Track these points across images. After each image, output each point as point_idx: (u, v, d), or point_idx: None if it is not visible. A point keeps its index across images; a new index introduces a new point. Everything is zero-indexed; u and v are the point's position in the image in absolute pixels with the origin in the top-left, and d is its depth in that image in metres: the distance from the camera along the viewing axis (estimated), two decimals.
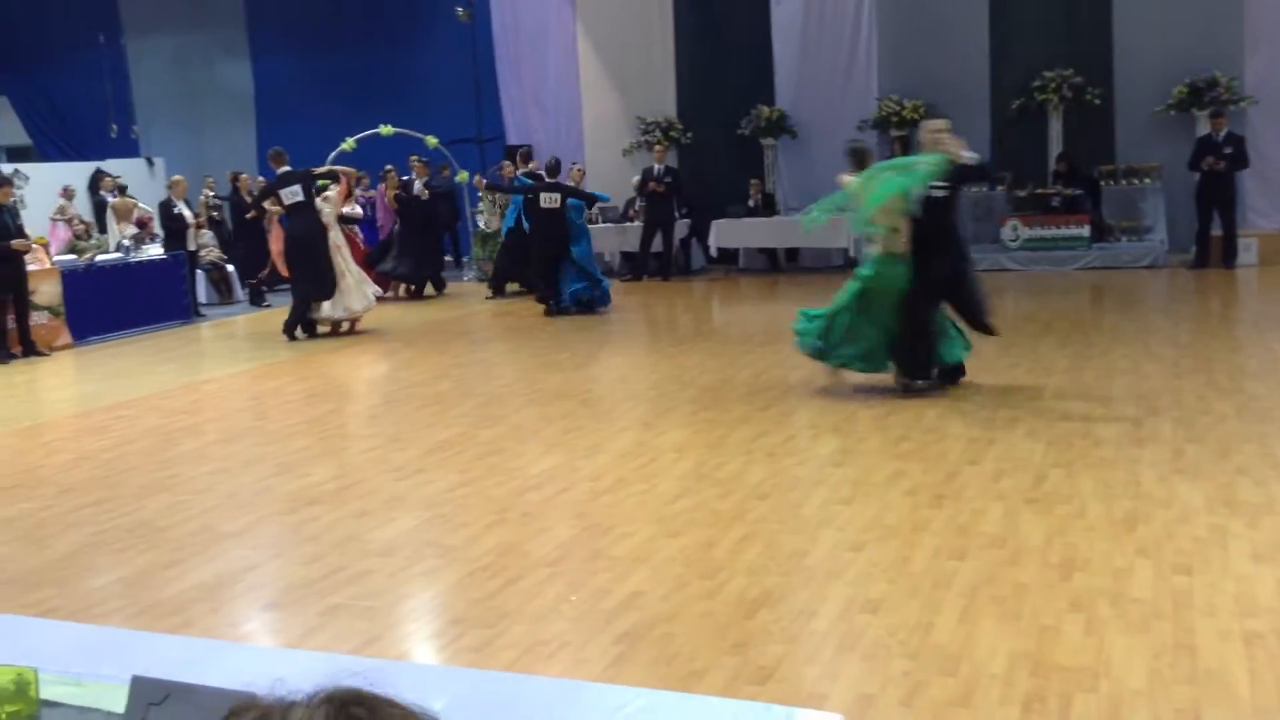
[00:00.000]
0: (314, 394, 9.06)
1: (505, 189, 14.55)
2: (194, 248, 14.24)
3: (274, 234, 13.37)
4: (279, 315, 12.95)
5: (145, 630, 4.02)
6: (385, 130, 14.82)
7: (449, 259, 17.67)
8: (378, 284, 13.32)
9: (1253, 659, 3.58)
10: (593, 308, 12.57)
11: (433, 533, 5.33)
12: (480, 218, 15.79)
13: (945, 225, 7.54)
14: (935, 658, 3.70)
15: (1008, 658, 3.67)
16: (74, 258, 13.27)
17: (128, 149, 19.70)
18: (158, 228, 14.48)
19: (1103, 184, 14.19)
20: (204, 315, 14.04)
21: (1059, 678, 3.52)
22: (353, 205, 13.68)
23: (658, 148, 15.65)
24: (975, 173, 7.96)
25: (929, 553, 4.66)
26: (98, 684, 2.00)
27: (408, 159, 15.47)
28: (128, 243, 13.68)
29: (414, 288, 15.03)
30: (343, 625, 4.28)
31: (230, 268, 15.52)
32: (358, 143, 14.43)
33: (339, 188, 12.24)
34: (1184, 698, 3.38)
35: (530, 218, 12.98)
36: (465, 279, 16.12)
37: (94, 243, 14.28)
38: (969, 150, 7.53)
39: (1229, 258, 13.14)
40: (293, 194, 11.54)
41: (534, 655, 3.93)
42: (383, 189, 15.36)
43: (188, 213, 14.12)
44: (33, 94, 21.25)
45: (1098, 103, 14.21)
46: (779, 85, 15.81)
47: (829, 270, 14.98)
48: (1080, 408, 6.92)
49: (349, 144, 14.33)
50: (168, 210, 13.96)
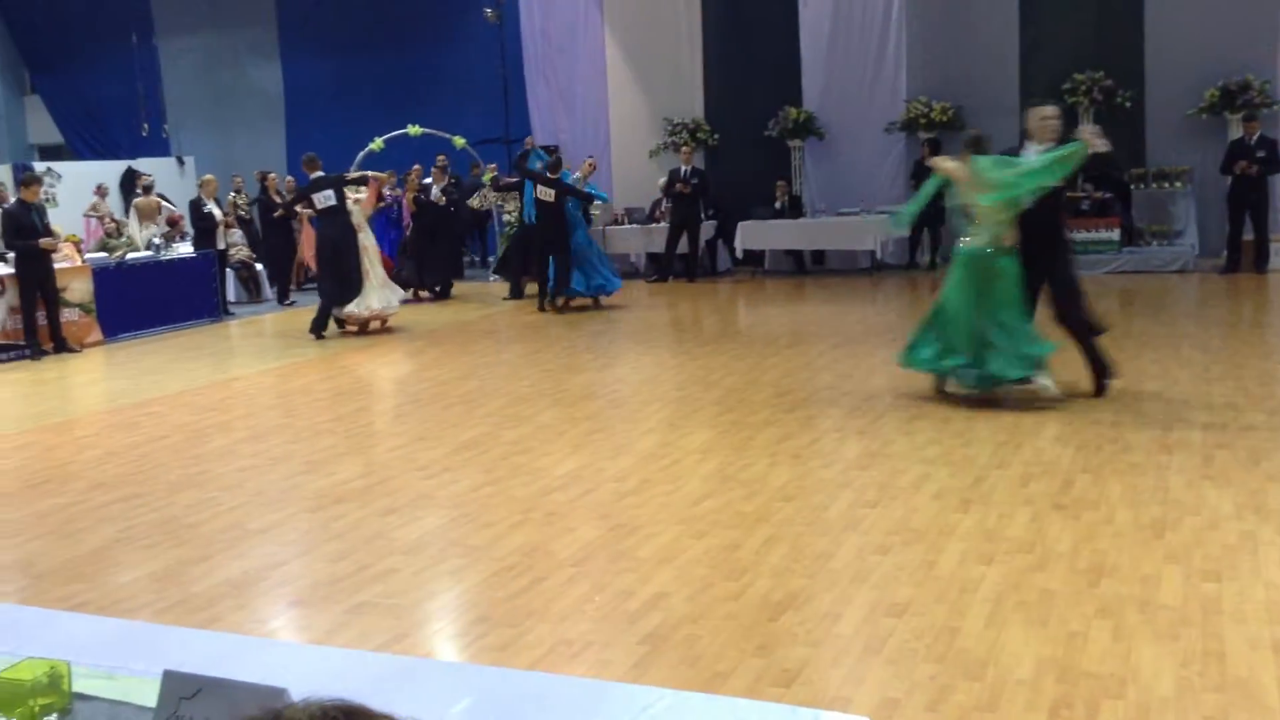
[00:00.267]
0: (341, 392, 9.11)
1: (506, 187, 14.63)
2: (223, 247, 14.36)
3: (305, 235, 13.49)
4: (306, 314, 13.28)
5: (174, 625, 4.06)
6: (413, 130, 14.88)
7: (475, 259, 17.70)
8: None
9: None
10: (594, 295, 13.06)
11: (458, 532, 5.35)
12: (507, 215, 15.79)
13: (1056, 217, 7.33)
14: (961, 662, 3.69)
15: (1035, 663, 3.65)
16: (105, 255, 13.41)
17: (159, 148, 19.88)
18: (188, 226, 14.63)
19: (1133, 187, 14.08)
20: (233, 313, 14.17)
21: (1086, 684, 3.50)
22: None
23: (684, 149, 15.64)
24: (1108, 162, 7.57)
25: (955, 557, 4.64)
26: (129, 678, 2.02)
27: (435, 159, 15.52)
28: (158, 241, 13.81)
29: (415, 293, 14.55)
30: (369, 623, 4.30)
31: (259, 266, 15.65)
32: (386, 143, 14.50)
33: (369, 190, 12.38)
34: (1212, 705, 3.35)
35: (534, 210, 13.22)
36: (491, 279, 16.10)
37: (124, 240, 14.41)
38: (1103, 138, 7.11)
39: (1261, 262, 13.03)
40: (325, 198, 11.83)
41: (558, 655, 3.94)
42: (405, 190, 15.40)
43: (217, 212, 14.26)
44: (66, 93, 21.51)
45: (1128, 105, 14.10)
46: (806, 86, 15.75)
47: (855, 273, 14.95)
48: (1109, 413, 6.87)
49: (377, 144, 14.41)
50: (198, 209, 14.11)
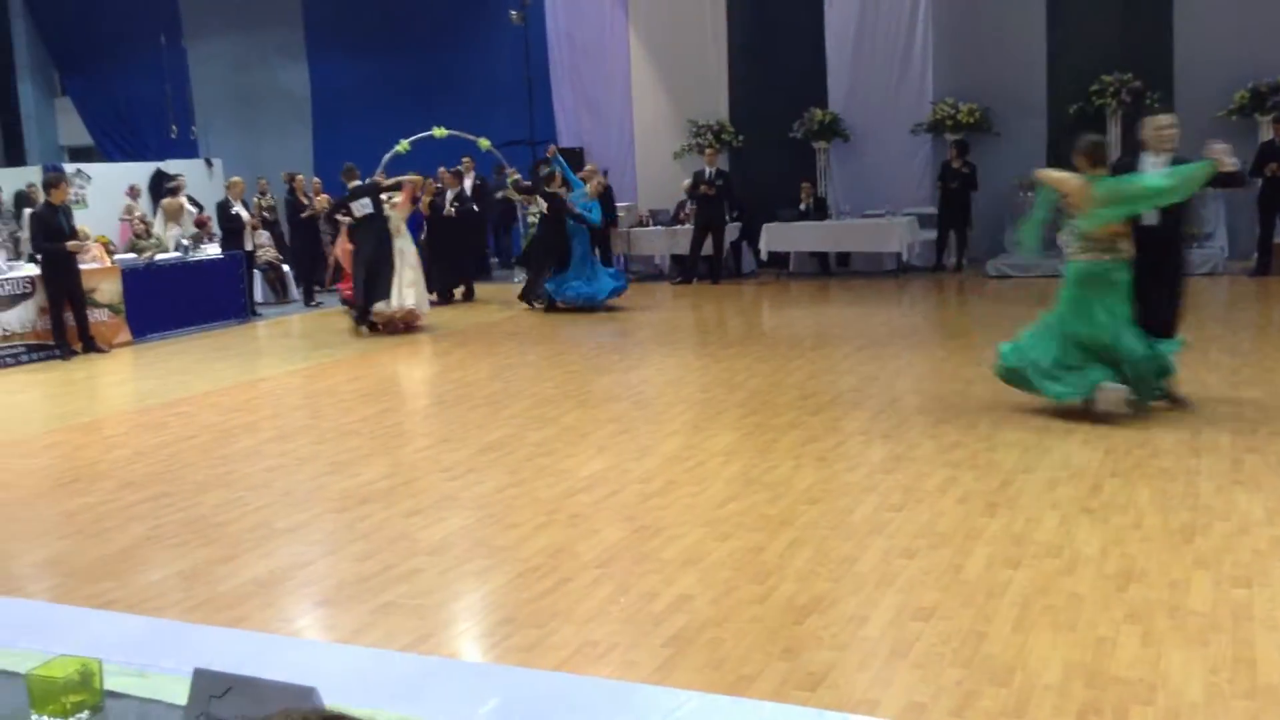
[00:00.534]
0: (366, 393, 9.15)
1: (526, 190, 14.80)
2: (250, 248, 14.46)
3: (342, 241, 13.66)
4: (332, 315, 13.72)
5: (203, 624, 4.09)
6: (439, 132, 14.91)
7: (496, 259, 17.70)
8: None
9: None
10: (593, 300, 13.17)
11: (483, 533, 5.36)
12: (530, 216, 15.82)
13: (1176, 232, 7.10)
14: (988, 667, 3.66)
15: (1062, 668, 3.62)
16: (134, 256, 13.52)
17: (187, 150, 20.02)
18: (215, 228, 14.73)
19: None
20: (260, 314, 14.25)
21: (1115, 690, 3.47)
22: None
23: (709, 150, 15.62)
24: (1235, 180, 7.18)
25: (982, 561, 4.61)
26: (160, 676, 2.03)
27: (457, 162, 15.56)
28: (186, 242, 13.93)
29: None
30: (394, 623, 4.32)
31: (286, 268, 15.73)
32: (411, 144, 14.55)
33: (403, 194, 12.70)
34: (1242, 712, 3.32)
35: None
36: (516, 280, 16.11)
37: (153, 241, 14.53)
38: (1232, 156, 6.75)
39: None
40: (363, 206, 12.31)
41: (583, 656, 3.94)
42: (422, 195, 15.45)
43: (245, 213, 14.36)
44: (96, 95, 21.70)
45: (1157, 107, 13.96)
46: (832, 88, 15.69)
47: (880, 275, 14.89)
48: (1138, 416, 6.81)
49: (403, 146, 14.46)
50: (225, 211, 14.21)
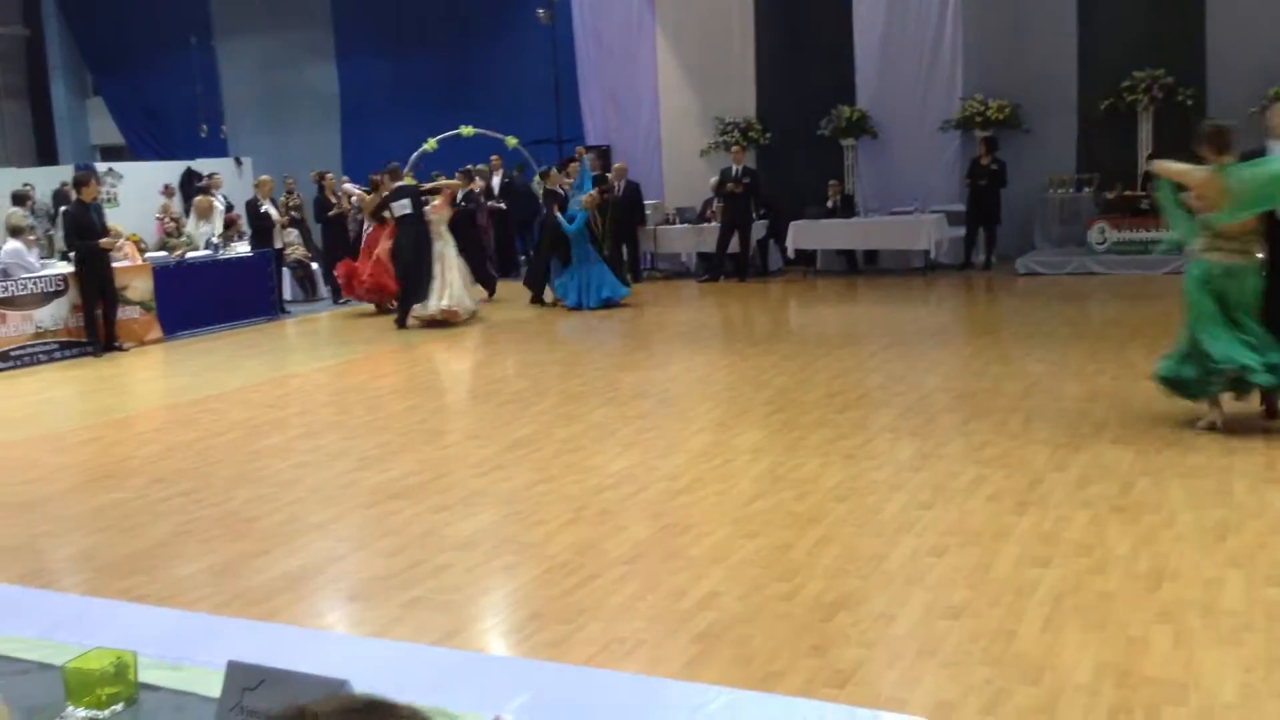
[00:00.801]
0: (395, 390, 9.20)
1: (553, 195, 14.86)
2: (280, 246, 14.55)
3: (383, 240, 13.73)
4: (360, 312, 13.95)
5: (235, 618, 4.13)
6: (466, 131, 14.99)
7: (523, 258, 17.70)
8: None
9: None
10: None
11: (510, 529, 5.38)
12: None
13: None
14: (1018, 666, 3.64)
15: (1093, 668, 3.60)
16: (165, 254, 13.64)
17: (217, 149, 20.17)
18: (245, 226, 14.84)
19: None
20: (289, 312, 14.35)
21: (1146, 690, 3.44)
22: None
23: (736, 148, 15.58)
24: None
25: (1011, 560, 4.59)
26: (193, 668, 2.05)
27: (489, 159, 15.62)
28: (217, 240, 14.04)
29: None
30: (423, 618, 4.34)
31: (315, 266, 15.82)
32: (439, 143, 14.61)
33: (441, 197, 12.87)
34: (1277, 712, 3.29)
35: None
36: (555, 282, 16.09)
37: (184, 239, 14.65)
38: None
39: None
40: (402, 207, 12.53)
41: (611, 652, 3.94)
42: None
43: (274, 212, 14.45)
44: (127, 95, 21.91)
45: (1189, 104, 13.83)
46: (860, 85, 15.62)
47: (908, 272, 14.82)
48: (1169, 414, 6.75)
49: (430, 144, 14.53)
50: (254, 209, 14.31)
